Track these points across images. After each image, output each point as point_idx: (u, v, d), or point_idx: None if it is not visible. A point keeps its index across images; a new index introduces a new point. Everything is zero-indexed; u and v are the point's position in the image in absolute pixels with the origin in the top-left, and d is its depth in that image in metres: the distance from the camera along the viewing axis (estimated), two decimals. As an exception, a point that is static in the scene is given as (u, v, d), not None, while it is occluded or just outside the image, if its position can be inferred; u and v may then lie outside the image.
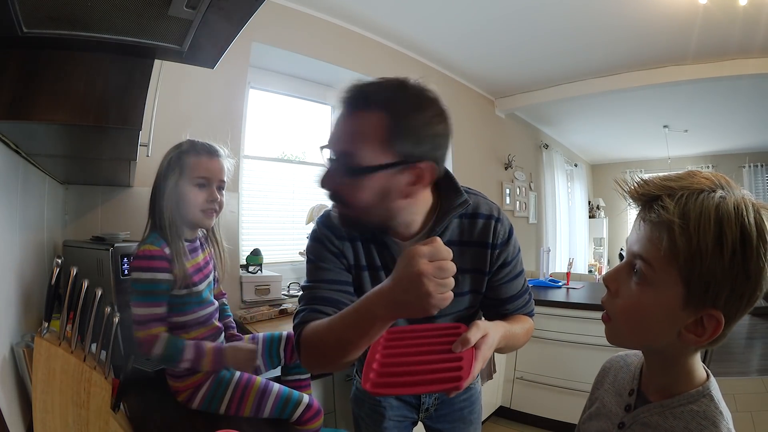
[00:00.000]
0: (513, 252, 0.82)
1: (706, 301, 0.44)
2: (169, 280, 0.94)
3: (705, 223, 0.42)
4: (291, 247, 2.19)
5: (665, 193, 0.46)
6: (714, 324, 0.44)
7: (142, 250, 0.93)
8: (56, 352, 0.71)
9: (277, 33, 1.89)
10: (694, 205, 0.43)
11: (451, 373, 0.56)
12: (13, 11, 0.52)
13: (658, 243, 0.45)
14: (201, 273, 1.03)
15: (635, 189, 0.50)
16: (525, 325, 0.84)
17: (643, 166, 6.36)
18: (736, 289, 0.42)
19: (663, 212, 0.44)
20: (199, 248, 1.06)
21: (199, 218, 0.99)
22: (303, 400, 0.97)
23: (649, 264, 0.47)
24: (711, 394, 0.50)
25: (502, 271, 0.82)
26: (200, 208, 0.98)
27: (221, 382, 0.98)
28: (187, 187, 0.97)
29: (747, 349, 3.31)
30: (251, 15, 0.61)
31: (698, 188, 0.45)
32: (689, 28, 2.19)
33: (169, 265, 0.94)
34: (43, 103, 0.62)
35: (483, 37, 2.42)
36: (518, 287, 0.86)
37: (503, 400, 2.46)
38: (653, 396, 0.55)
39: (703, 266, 0.42)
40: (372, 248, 0.80)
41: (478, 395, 1.04)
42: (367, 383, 0.56)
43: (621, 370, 0.64)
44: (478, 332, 0.60)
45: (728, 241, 0.41)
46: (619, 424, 0.56)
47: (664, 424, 0.50)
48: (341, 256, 0.80)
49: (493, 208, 0.81)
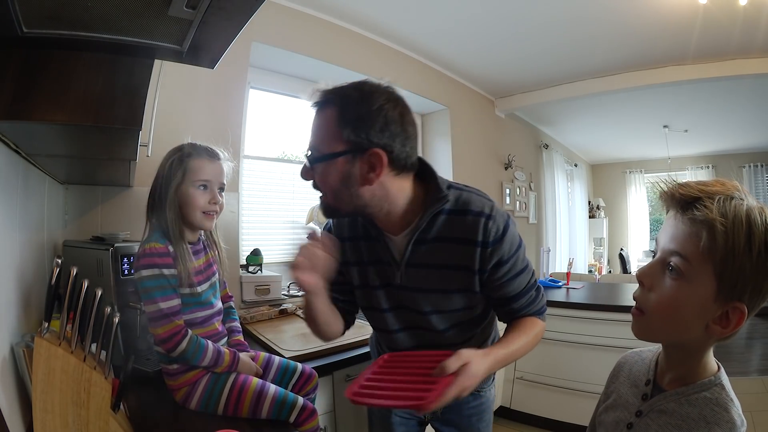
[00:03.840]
0: (509, 250, 0.80)
1: (733, 295, 0.48)
2: (175, 275, 0.95)
3: (739, 225, 0.47)
4: (291, 247, 2.19)
5: (704, 195, 0.51)
6: (738, 315, 0.49)
7: (147, 248, 0.94)
8: (56, 352, 0.71)
9: (277, 33, 1.89)
10: (730, 208, 0.48)
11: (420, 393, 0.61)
12: (13, 11, 0.52)
13: (696, 240, 0.49)
14: (202, 275, 1.03)
15: (675, 189, 0.54)
16: (532, 331, 0.85)
17: (643, 166, 6.36)
18: (758, 285, 0.48)
19: (707, 211, 0.49)
20: (201, 251, 1.07)
21: (200, 220, 1.00)
22: (298, 403, 0.98)
23: (686, 260, 0.51)
24: (722, 383, 0.54)
25: (499, 270, 0.81)
26: (202, 210, 1.00)
27: (217, 383, 0.98)
28: (190, 189, 0.98)
29: (747, 349, 3.31)
30: (251, 15, 0.61)
31: (730, 194, 0.50)
32: (689, 28, 2.19)
33: (174, 263, 0.95)
34: (43, 103, 0.62)
35: (483, 37, 2.41)
36: (522, 285, 0.85)
37: (503, 400, 2.46)
38: (668, 386, 0.58)
39: (735, 263, 0.47)
40: (361, 245, 0.88)
41: (489, 404, 1.04)
42: (350, 392, 0.65)
43: (636, 364, 0.67)
44: (458, 361, 0.65)
45: (756, 242, 0.47)
46: (637, 412, 0.60)
47: (680, 410, 0.54)
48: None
49: (485, 205, 0.80)
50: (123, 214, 1.44)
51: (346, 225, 0.91)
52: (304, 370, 1.15)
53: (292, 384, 1.12)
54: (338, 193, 0.76)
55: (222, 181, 1.04)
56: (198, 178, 0.99)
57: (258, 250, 1.91)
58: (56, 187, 1.26)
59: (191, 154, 0.99)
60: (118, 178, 1.34)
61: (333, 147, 0.73)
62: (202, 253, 1.07)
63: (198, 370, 0.98)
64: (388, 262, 0.85)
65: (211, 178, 1.01)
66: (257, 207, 2.10)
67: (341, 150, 0.72)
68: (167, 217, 0.96)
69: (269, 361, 1.13)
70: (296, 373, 1.14)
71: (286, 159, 2.35)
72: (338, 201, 0.78)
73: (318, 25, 2.07)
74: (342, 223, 0.91)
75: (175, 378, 0.98)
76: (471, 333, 0.92)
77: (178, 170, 0.98)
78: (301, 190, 2.26)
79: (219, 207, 1.03)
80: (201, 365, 0.97)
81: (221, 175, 1.03)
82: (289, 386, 1.12)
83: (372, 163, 0.72)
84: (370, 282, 0.89)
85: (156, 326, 0.93)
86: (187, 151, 1.00)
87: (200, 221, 1.01)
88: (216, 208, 1.02)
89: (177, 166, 0.98)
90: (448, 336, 0.88)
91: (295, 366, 1.15)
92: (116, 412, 0.80)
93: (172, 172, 0.98)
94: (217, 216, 1.04)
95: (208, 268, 1.08)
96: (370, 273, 0.88)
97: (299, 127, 2.35)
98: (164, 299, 0.93)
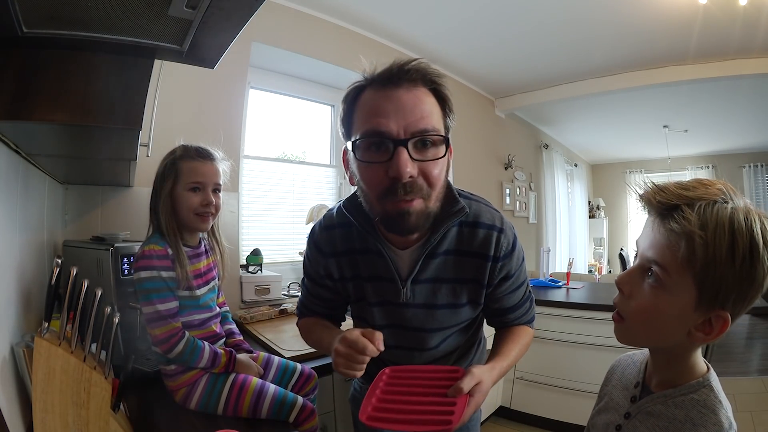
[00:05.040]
0: (517, 264, 0.80)
1: (716, 303, 0.47)
2: (174, 278, 0.95)
3: (721, 234, 0.45)
4: (291, 247, 2.19)
5: (683, 202, 0.48)
6: (721, 323, 0.48)
7: (146, 250, 0.94)
8: (56, 352, 0.71)
9: (277, 33, 1.89)
10: (711, 215, 0.46)
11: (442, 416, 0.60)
12: (13, 11, 0.52)
13: (675, 250, 0.48)
14: (201, 279, 1.04)
15: (652, 195, 0.51)
16: (525, 340, 0.85)
17: (643, 166, 6.35)
18: (743, 292, 0.46)
19: (684, 222, 0.47)
20: (203, 254, 1.07)
21: (193, 222, 1.00)
22: (297, 402, 0.98)
23: (666, 270, 0.49)
24: (711, 384, 0.53)
25: (504, 284, 0.80)
26: (194, 212, 1.00)
27: (216, 383, 0.98)
28: (181, 192, 0.98)
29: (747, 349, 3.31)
30: (251, 15, 0.61)
31: (713, 199, 0.47)
32: (689, 28, 2.19)
33: (172, 265, 0.96)
34: (43, 103, 0.62)
35: (484, 37, 2.41)
36: (520, 297, 0.85)
37: (503, 400, 2.46)
38: (656, 388, 0.58)
39: (717, 273, 0.45)
40: (358, 259, 0.81)
41: None
42: (364, 415, 0.62)
43: (628, 367, 0.67)
44: (472, 380, 0.64)
45: (739, 249, 0.44)
46: (625, 414, 0.60)
47: (667, 412, 0.54)
48: (325, 276, 0.85)
49: (495, 218, 0.77)
50: (123, 214, 1.44)
51: (338, 238, 0.82)
52: (303, 370, 1.15)
53: (291, 384, 1.12)
54: (439, 193, 0.68)
55: (217, 182, 1.03)
56: (189, 180, 0.99)
57: (258, 250, 1.91)
58: (56, 187, 1.26)
59: (183, 156, 1.00)
60: (118, 178, 1.34)
61: (444, 133, 0.67)
62: (203, 257, 1.07)
63: (196, 370, 0.98)
64: (391, 279, 0.78)
65: (203, 179, 1.00)
66: (257, 207, 2.10)
67: (447, 138, 0.67)
68: (162, 219, 0.97)
69: (269, 360, 1.13)
70: (296, 373, 1.14)
71: (286, 159, 2.35)
72: (435, 203, 0.68)
73: (318, 25, 2.07)
74: (334, 237, 0.82)
75: (173, 379, 0.98)
76: (458, 344, 0.89)
77: (171, 173, 0.98)
78: (301, 190, 2.27)
79: (214, 208, 1.02)
80: (198, 366, 0.97)
81: (215, 175, 1.02)
82: (289, 386, 1.12)
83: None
84: (367, 298, 0.83)
85: (153, 328, 0.93)
86: (178, 154, 1.00)
87: (194, 223, 1.01)
88: (210, 209, 1.01)
89: (170, 169, 0.99)
90: (439, 350, 0.85)
91: (294, 366, 1.15)
92: (116, 412, 0.80)
93: (166, 174, 0.99)
94: (213, 217, 1.03)
95: (209, 272, 1.08)
96: (368, 289, 0.82)
97: (299, 127, 2.36)
98: (161, 301, 0.93)
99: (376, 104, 0.65)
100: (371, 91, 0.68)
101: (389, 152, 0.63)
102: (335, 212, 0.83)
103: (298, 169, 2.31)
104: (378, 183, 0.65)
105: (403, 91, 0.65)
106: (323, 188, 2.39)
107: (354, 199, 0.77)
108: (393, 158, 0.63)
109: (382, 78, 0.67)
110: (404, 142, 0.63)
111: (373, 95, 0.67)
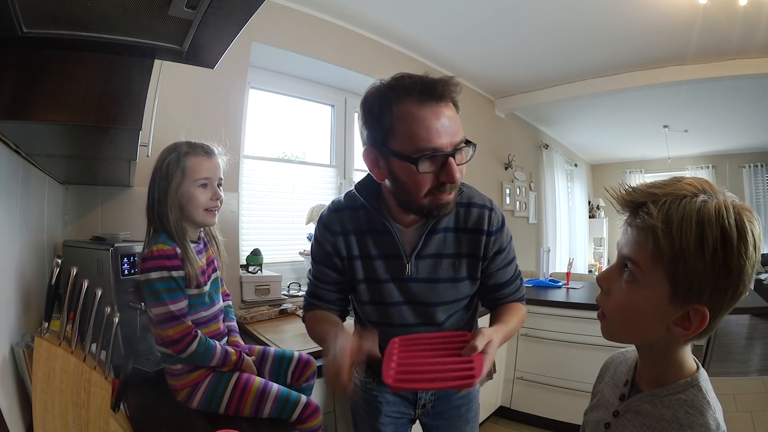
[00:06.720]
0: (507, 239, 0.92)
1: (691, 296, 0.47)
2: (183, 277, 0.95)
3: (687, 227, 0.45)
4: (291, 247, 2.19)
5: (650, 200, 0.50)
6: (699, 318, 0.48)
7: (155, 250, 0.93)
8: (56, 352, 0.71)
9: (277, 33, 1.89)
10: (676, 210, 0.47)
11: (464, 372, 0.65)
12: (13, 11, 0.52)
13: (644, 245, 0.49)
14: (205, 274, 1.04)
15: (622, 196, 0.53)
16: (520, 314, 0.93)
17: (643, 166, 6.36)
18: (719, 285, 0.46)
19: (647, 218, 0.48)
20: (203, 250, 1.07)
21: (203, 217, 1.01)
22: (301, 400, 0.98)
23: (637, 265, 0.51)
24: (699, 384, 0.53)
25: (497, 258, 0.90)
26: (204, 207, 1.00)
27: (219, 382, 0.98)
28: (191, 188, 0.98)
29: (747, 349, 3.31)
30: (251, 15, 0.61)
31: (681, 194, 0.48)
32: (689, 28, 2.19)
33: (182, 264, 0.95)
34: (43, 103, 0.62)
35: (483, 36, 2.42)
36: (512, 272, 0.95)
37: (503, 400, 2.46)
38: (645, 386, 0.58)
39: (687, 265, 0.46)
40: (367, 239, 0.89)
41: (476, 393, 1.05)
42: (389, 378, 0.65)
43: (620, 365, 0.67)
44: (484, 339, 0.70)
45: (709, 241, 0.44)
46: (614, 412, 0.60)
47: (654, 411, 0.54)
48: (333, 254, 0.91)
49: (485, 200, 0.91)
50: (123, 214, 1.44)
51: (347, 218, 0.91)
52: (301, 356, 1.14)
53: (290, 372, 1.12)
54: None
55: (220, 176, 1.04)
56: (198, 177, 0.99)
57: (258, 250, 1.91)
58: (56, 187, 1.26)
59: (188, 153, 0.99)
60: (118, 178, 1.34)
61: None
62: (203, 251, 1.07)
63: (202, 370, 0.98)
64: (397, 255, 0.88)
65: (210, 175, 1.01)
66: (257, 207, 2.10)
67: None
68: (170, 218, 0.96)
69: (264, 353, 1.13)
70: (293, 360, 1.13)
71: (286, 159, 2.35)
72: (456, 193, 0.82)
73: (318, 25, 2.07)
74: (342, 218, 0.91)
75: (179, 378, 0.97)
76: (462, 321, 0.97)
77: (177, 170, 0.97)
78: (301, 190, 2.27)
79: (220, 202, 1.04)
80: (209, 365, 0.97)
81: (219, 170, 1.04)
82: (288, 374, 1.12)
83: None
84: (378, 276, 0.89)
85: (165, 328, 0.92)
86: (183, 150, 0.99)
87: (203, 218, 1.01)
88: (218, 203, 1.03)
89: (174, 166, 0.97)
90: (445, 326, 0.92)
91: (291, 354, 1.14)
92: (116, 412, 0.80)
93: (170, 172, 0.97)
94: (218, 211, 1.05)
95: (210, 265, 1.08)
96: (379, 267, 0.89)
97: (299, 127, 2.36)
98: (173, 301, 0.93)
99: (427, 122, 0.74)
100: (412, 103, 0.74)
101: (439, 162, 0.76)
102: (343, 197, 0.93)
103: (298, 169, 2.31)
104: (427, 184, 0.77)
105: (443, 106, 0.75)
106: (323, 188, 2.39)
107: (367, 185, 0.89)
108: (446, 168, 0.76)
109: (423, 92, 0.74)
110: (453, 154, 0.76)
111: (418, 109, 0.74)
